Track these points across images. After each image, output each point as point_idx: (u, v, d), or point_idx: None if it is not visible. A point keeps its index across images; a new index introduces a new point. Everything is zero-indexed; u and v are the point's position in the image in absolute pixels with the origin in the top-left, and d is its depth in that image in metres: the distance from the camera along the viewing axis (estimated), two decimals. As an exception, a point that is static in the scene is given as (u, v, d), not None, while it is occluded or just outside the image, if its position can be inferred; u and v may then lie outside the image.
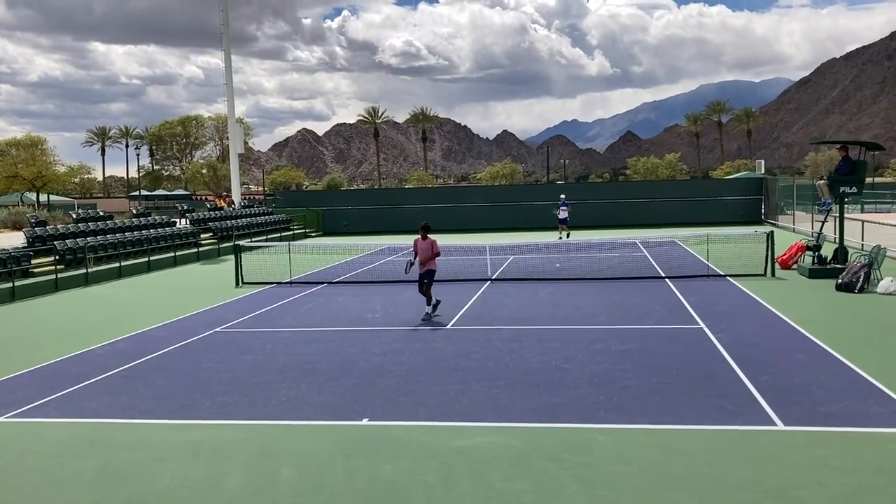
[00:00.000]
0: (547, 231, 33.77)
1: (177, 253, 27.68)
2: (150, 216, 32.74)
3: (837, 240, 18.94)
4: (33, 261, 21.83)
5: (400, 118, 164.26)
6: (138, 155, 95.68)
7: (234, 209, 39.98)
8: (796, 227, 31.77)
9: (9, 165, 62.81)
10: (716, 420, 7.84)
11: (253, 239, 31.69)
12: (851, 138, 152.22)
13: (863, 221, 23.05)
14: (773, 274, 18.57)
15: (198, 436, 8.01)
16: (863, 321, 13.09)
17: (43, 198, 66.88)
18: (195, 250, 29.31)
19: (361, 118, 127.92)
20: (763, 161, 67.17)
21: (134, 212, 38.48)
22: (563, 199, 33.54)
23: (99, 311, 17.41)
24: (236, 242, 23.28)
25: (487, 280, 19.42)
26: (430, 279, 14.20)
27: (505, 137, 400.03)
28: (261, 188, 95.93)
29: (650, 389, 9.03)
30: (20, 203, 62.48)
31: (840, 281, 16.18)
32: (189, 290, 20.51)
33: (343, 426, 8.13)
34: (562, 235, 32.00)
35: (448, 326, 13.52)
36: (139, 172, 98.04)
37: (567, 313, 14.61)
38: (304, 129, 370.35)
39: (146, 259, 25.69)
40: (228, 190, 56.66)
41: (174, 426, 8.37)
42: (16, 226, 39.39)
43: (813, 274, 18.05)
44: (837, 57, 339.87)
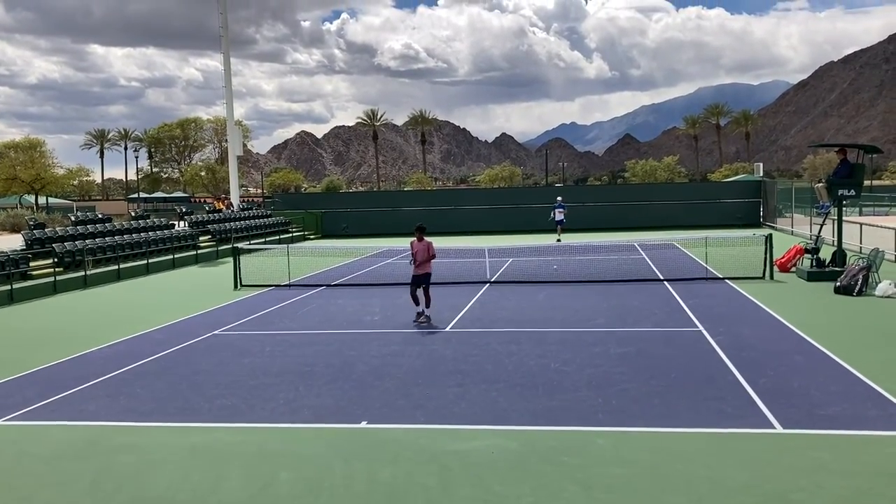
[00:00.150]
0: (546, 234, 33.76)
1: (175, 255, 27.66)
2: (149, 218, 32.76)
3: (836, 243, 18.98)
4: (32, 263, 21.81)
5: (399, 121, 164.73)
6: (137, 157, 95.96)
7: (233, 211, 39.99)
8: (795, 230, 31.82)
9: (7, 168, 62.76)
10: (714, 423, 7.85)
11: (251, 241, 31.63)
12: (849, 141, 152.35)
13: (861, 224, 23.09)
14: (772, 277, 18.59)
15: (196, 438, 8.02)
16: (861, 324, 13.11)
17: (41, 200, 66.83)
18: (194, 253, 29.28)
19: (360, 121, 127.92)
20: (761, 164, 67.34)
21: (132, 214, 38.46)
22: (560, 202, 33.56)
23: (97, 314, 17.40)
24: (235, 245, 23.28)
25: (486, 283, 19.43)
26: (428, 282, 14.23)
27: (504, 140, 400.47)
28: (259, 190, 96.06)
29: (649, 392, 9.04)
30: (19, 205, 62.43)
31: (838, 284, 16.21)
32: (187, 293, 20.50)
33: (341, 429, 8.13)
34: (558, 238, 31.99)
35: (447, 329, 13.53)
36: (138, 175, 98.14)
37: (566, 316, 14.63)
38: (303, 132, 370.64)
39: (145, 261, 25.68)
40: (227, 192, 56.69)
41: (173, 429, 8.36)
42: (14, 228, 39.30)
43: (811, 277, 18.08)
44: (835, 60, 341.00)
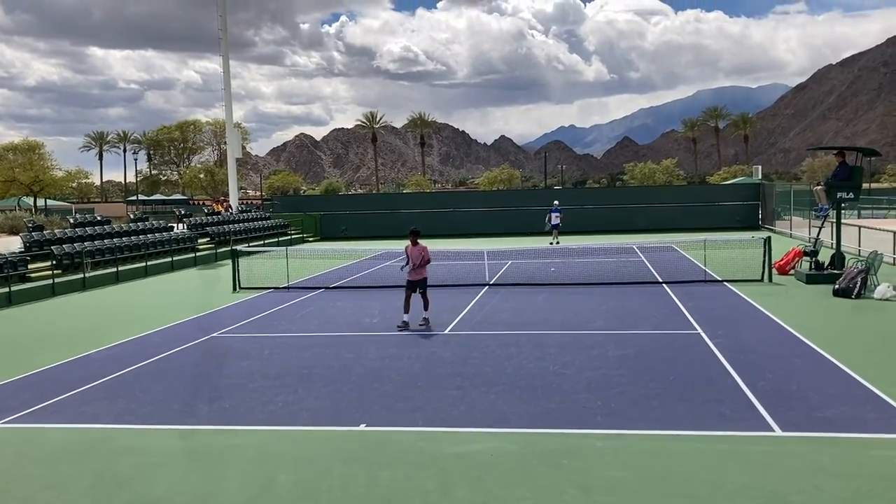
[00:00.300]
0: (545, 236, 33.78)
1: (174, 258, 27.63)
2: (148, 221, 32.74)
3: (834, 245, 19.00)
4: (30, 266, 21.79)
5: (398, 123, 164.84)
6: (136, 160, 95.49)
7: (232, 214, 39.98)
8: (793, 233, 31.87)
9: (6, 170, 62.75)
10: (713, 425, 7.85)
11: (250, 244, 31.64)
12: (848, 144, 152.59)
13: (859, 227, 23.13)
14: (771, 279, 18.60)
15: (195, 441, 8.01)
16: (860, 327, 13.13)
17: (40, 202, 66.82)
18: (192, 255, 29.26)
19: (359, 123, 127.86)
20: (760, 166, 67.24)
21: (131, 216, 38.46)
22: (557, 206, 33.58)
23: (96, 316, 17.38)
24: (234, 247, 23.28)
25: (485, 285, 19.42)
26: (424, 286, 14.23)
27: (503, 143, 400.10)
28: (258, 193, 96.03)
29: (647, 395, 9.04)
30: (17, 207, 62.37)
31: (837, 286, 16.22)
32: (186, 295, 20.49)
33: (340, 432, 8.12)
34: (554, 241, 31.99)
35: (445, 331, 13.52)
36: (137, 177, 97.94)
37: (564, 318, 14.63)
38: (302, 134, 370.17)
39: (143, 264, 25.66)
40: (226, 195, 56.65)
41: (172, 431, 8.35)
42: (13, 230, 39.24)
43: (810, 279, 18.09)
44: (834, 63, 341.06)
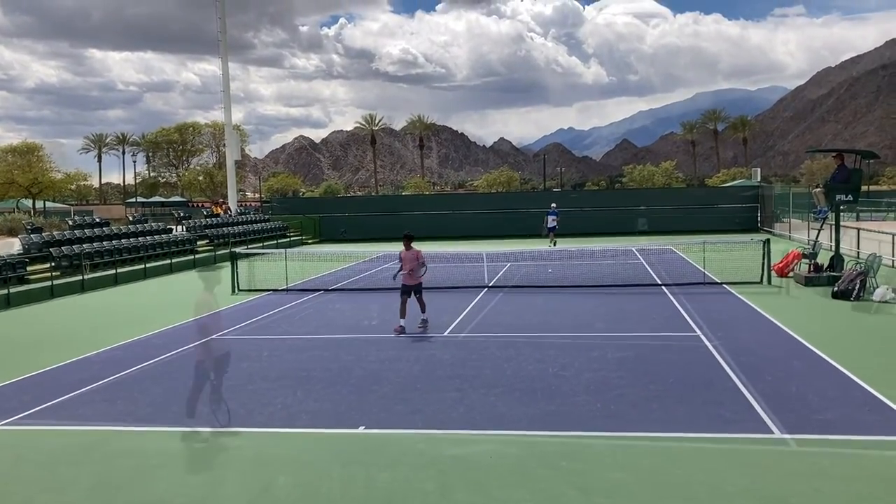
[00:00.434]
0: (544, 239, 33.76)
1: (173, 260, 27.63)
2: (147, 223, 32.72)
3: (833, 248, 19.00)
4: (29, 268, 21.78)
5: (397, 125, 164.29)
6: (135, 162, 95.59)
7: (231, 216, 39.97)
8: (792, 235, 31.87)
9: (5, 172, 62.74)
10: (712, 427, 7.85)
11: (249, 246, 31.62)
12: (847, 146, 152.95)
13: (858, 229, 23.14)
14: (770, 282, 18.60)
15: (194, 443, 8.01)
16: (859, 329, 13.13)
17: (39, 204, 66.78)
18: (191, 257, 29.25)
19: (358, 125, 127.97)
20: (759, 169, 67.12)
21: (130, 218, 38.38)
22: (554, 208, 33.57)
23: (95, 319, 17.37)
24: (233, 249, 23.26)
25: (484, 287, 19.41)
26: (419, 290, 14.22)
27: (502, 145, 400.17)
28: (257, 195, 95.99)
29: (647, 397, 9.04)
30: (16, 209, 62.33)
31: (836, 289, 16.23)
32: (185, 297, 20.44)
33: (339, 434, 8.12)
34: (551, 243, 31.98)
35: (445, 334, 13.52)
36: (136, 179, 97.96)
37: (564, 321, 14.63)
38: (301, 136, 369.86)
39: (142, 266, 25.65)
40: (225, 197, 56.62)
41: (171, 433, 8.34)
42: (11, 232, 39.18)
43: (809, 282, 18.10)
44: (833, 66, 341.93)
